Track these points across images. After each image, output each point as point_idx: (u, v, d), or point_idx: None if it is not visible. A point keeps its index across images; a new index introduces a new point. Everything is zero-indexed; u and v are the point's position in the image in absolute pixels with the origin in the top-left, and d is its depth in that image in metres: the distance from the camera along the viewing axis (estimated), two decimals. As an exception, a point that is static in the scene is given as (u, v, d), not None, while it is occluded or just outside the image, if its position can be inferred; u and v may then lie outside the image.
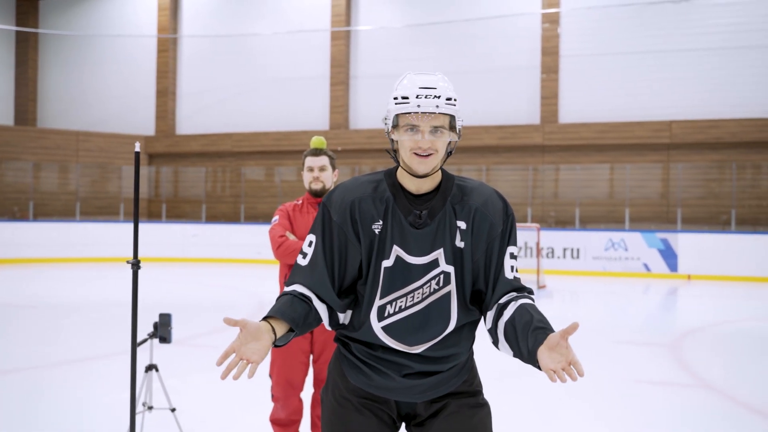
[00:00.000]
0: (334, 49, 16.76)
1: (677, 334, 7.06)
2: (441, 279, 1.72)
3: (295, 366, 3.05)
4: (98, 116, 18.58)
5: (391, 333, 1.71)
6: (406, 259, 1.71)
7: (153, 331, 2.98)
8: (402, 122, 1.70)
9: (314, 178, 3.12)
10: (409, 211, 1.73)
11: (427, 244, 1.71)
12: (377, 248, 1.72)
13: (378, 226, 1.72)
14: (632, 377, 5.18)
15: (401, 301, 1.71)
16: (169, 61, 18.06)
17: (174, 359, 5.33)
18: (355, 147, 16.32)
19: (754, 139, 13.93)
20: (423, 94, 1.68)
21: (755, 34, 14.07)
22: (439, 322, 1.72)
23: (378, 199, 1.74)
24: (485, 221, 1.75)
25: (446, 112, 1.68)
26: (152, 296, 8.83)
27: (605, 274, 13.06)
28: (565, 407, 4.36)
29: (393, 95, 1.73)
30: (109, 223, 15.56)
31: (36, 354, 5.69)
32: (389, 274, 1.71)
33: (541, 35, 15.34)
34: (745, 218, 13.88)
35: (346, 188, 1.77)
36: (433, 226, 1.71)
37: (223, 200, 17.47)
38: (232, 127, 17.60)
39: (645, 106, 14.73)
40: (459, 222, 1.74)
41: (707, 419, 4.16)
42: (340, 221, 1.73)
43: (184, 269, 13.71)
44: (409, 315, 1.70)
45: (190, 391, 4.45)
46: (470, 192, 1.78)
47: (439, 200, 1.75)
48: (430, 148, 1.68)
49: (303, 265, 1.75)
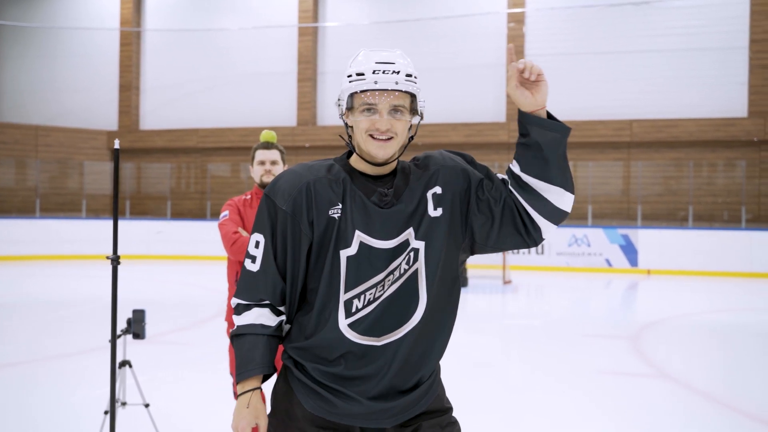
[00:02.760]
0: (302, 45, 16.69)
1: (638, 327, 7.28)
2: (410, 258, 1.52)
3: None
4: (59, 110, 18.12)
5: (357, 328, 1.51)
6: (372, 244, 1.50)
7: (126, 327, 2.96)
8: (357, 102, 1.51)
9: (266, 171, 3.03)
10: (371, 191, 1.53)
11: (396, 224, 1.52)
12: (335, 236, 1.50)
13: (336, 211, 1.51)
14: (595, 368, 5.34)
15: (370, 293, 1.51)
16: (133, 55, 17.72)
17: (142, 356, 5.28)
18: (322, 144, 16.30)
19: (711, 138, 14.40)
20: (380, 69, 1.50)
21: (712, 37, 14.53)
22: (409, 305, 1.52)
23: (334, 182, 1.53)
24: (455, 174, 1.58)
25: (406, 89, 1.50)
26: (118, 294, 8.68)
27: (569, 270, 13.35)
28: (531, 398, 4.48)
29: (347, 73, 1.54)
30: (71, 219, 15.22)
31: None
32: (354, 265, 1.50)
33: (506, 34, 15.56)
34: (702, 214, 14.34)
35: (295, 173, 1.56)
36: (402, 205, 1.53)
37: (189, 197, 17.25)
38: (197, 122, 17.37)
39: (607, 105, 15.08)
40: (431, 190, 1.56)
41: (666, 407, 4.32)
42: (291, 210, 1.51)
43: (149, 267, 13.51)
44: (379, 304, 1.51)
45: (162, 387, 4.43)
46: (426, 160, 1.62)
47: (401, 179, 1.57)
48: (389, 130, 1.49)
49: (254, 271, 1.55)
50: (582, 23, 15.20)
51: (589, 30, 15.16)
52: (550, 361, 5.54)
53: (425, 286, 1.53)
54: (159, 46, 17.82)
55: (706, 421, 4.12)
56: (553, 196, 1.54)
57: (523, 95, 1.52)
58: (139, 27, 17.81)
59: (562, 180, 1.54)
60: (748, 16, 14.33)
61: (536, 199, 1.54)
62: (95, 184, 16.87)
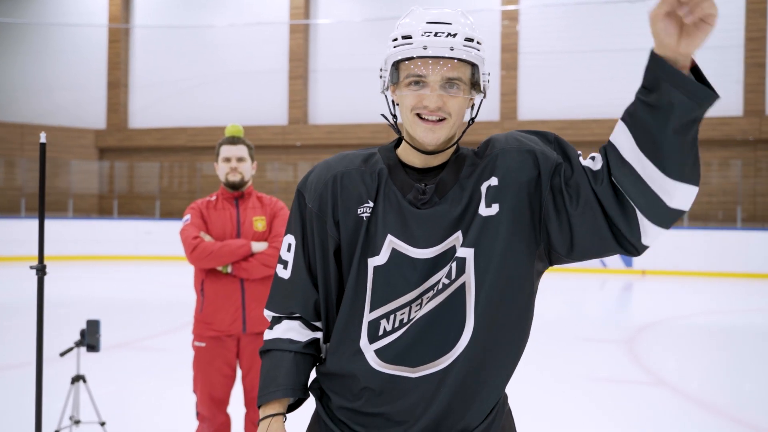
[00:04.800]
0: (293, 42, 16.48)
1: (633, 329, 7.12)
2: (453, 269, 1.20)
3: (218, 380, 2.77)
4: (45, 109, 17.85)
5: (385, 356, 1.21)
6: (408, 253, 1.21)
7: (80, 339, 2.75)
8: (403, 74, 1.22)
9: (231, 169, 2.81)
10: (409, 186, 1.24)
11: (437, 228, 1.21)
12: (363, 240, 1.23)
13: (366, 210, 1.24)
14: (589, 373, 5.16)
15: (402, 313, 1.21)
16: (121, 52, 17.47)
17: (117, 363, 5.08)
18: (314, 143, 16.09)
19: (706, 137, 14.26)
20: (432, 31, 1.19)
21: (711, 35, 14.38)
22: (452, 329, 1.19)
23: (368, 174, 1.26)
24: (519, 158, 1.22)
25: (465, 57, 1.18)
26: (104, 295, 8.49)
27: (563, 270, 13.19)
28: (523, 403, 4.30)
29: (392, 36, 1.24)
30: (57, 219, 14.97)
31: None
32: (382, 277, 1.22)
33: (500, 32, 15.38)
34: (697, 214, 14.20)
35: (327, 164, 1.31)
36: (445, 205, 1.22)
37: (179, 196, 17.01)
38: (187, 121, 17.13)
39: (602, 103, 14.92)
40: (486, 182, 1.22)
41: (661, 414, 4.16)
42: (318, 207, 1.27)
43: (137, 267, 13.28)
44: (412, 327, 1.21)
45: (125, 401, 4.22)
46: (488, 144, 1.29)
47: (450, 171, 1.26)
48: (441, 109, 1.20)
49: (285, 279, 1.32)
50: (576, 20, 15.03)
51: (583, 27, 14.99)
52: (543, 364, 5.36)
53: (473, 306, 1.20)
54: (148, 43, 17.57)
55: (702, 428, 3.96)
56: (670, 188, 1.10)
57: (666, 31, 1.03)
58: (128, 23, 17.55)
59: (691, 170, 1.11)
60: (744, 14, 14.20)
61: (641, 192, 1.12)
62: (83, 183, 16.63)
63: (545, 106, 15.21)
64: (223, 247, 2.72)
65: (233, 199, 2.89)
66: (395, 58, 1.22)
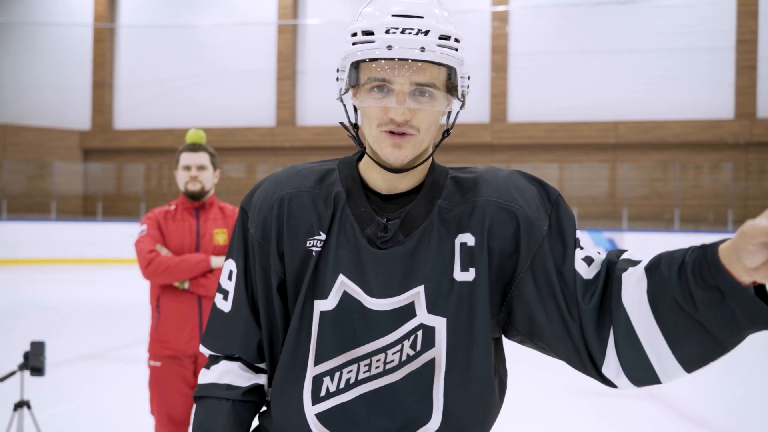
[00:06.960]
0: (281, 42, 16.28)
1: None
2: (419, 339, 1.00)
3: (177, 400, 2.61)
4: (28, 109, 17.55)
5: (330, 423, 1.01)
6: (361, 301, 1.01)
7: (23, 362, 2.55)
8: (365, 76, 1.01)
9: (191, 178, 2.66)
10: (369, 219, 1.03)
11: (396, 275, 1.00)
12: (310, 278, 1.03)
13: (316, 243, 1.04)
14: (580, 384, 5.01)
15: (350, 372, 1.01)
16: (107, 52, 17.21)
17: (87, 374, 4.87)
18: (302, 144, 15.90)
19: (697, 140, 14.17)
20: (399, 27, 0.97)
21: (698, 36, 14.30)
22: (414, 408, 1.00)
23: (322, 198, 1.05)
24: (502, 216, 1.03)
25: (438, 60, 0.97)
26: (87, 300, 8.26)
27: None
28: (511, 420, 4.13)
29: (350, 29, 1.02)
30: (40, 222, 14.70)
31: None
32: (329, 325, 1.02)
33: (490, 33, 15.24)
34: (688, 217, 14.11)
35: (277, 181, 1.09)
36: (410, 245, 1.01)
37: (165, 198, 16.75)
38: (173, 122, 16.89)
39: (592, 105, 14.81)
40: (461, 236, 1.02)
41: (655, 428, 4.01)
42: (260, 234, 1.07)
43: (122, 271, 13.03)
44: (365, 394, 1.01)
45: (86, 419, 4.01)
46: (474, 183, 1.06)
47: (421, 202, 1.04)
48: (410, 123, 0.99)
49: (225, 311, 1.12)
50: (567, 22, 14.91)
51: (573, 29, 14.87)
52: (532, 374, 5.19)
53: (442, 385, 1.00)
54: (134, 42, 17.32)
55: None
56: (673, 372, 0.96)
57: (754, 254, 0.81)
58: (114, 23, 17.29)
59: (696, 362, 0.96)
60: (735, 16, 14.12)
61: (637, 359, 0.96)
62: (66, 185, 16.35)
63: (535, 108, 15.07)
64: (180, 262, 2.54)
65: (193, 209, 2.73)
66: (354, 59, 1.00)
